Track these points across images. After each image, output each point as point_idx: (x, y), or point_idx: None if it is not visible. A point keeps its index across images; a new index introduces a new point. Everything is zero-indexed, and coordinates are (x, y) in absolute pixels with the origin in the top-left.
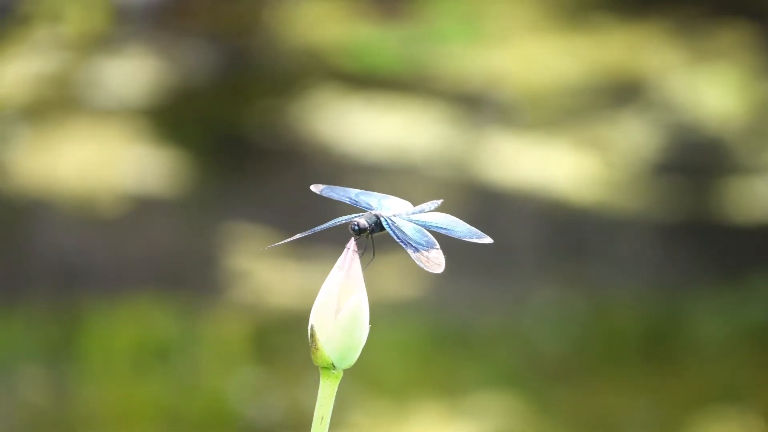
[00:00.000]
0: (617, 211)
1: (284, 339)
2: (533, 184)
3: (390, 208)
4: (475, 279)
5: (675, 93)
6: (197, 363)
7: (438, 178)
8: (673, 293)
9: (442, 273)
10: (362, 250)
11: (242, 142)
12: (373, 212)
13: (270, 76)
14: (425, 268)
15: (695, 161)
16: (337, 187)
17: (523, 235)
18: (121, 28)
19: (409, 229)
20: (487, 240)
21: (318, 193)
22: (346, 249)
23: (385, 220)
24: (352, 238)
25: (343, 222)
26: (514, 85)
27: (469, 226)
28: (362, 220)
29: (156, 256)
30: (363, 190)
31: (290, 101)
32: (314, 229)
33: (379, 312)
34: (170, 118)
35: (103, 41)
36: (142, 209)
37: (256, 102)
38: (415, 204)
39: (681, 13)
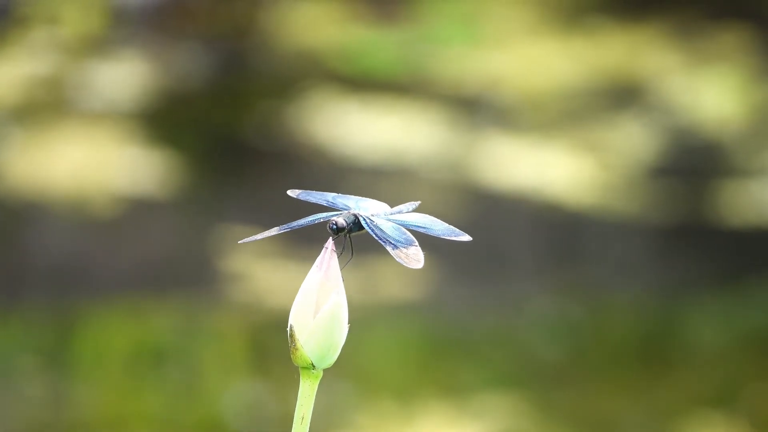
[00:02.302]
0: (615, 214)
1: (281, 340)
2: (531, 186)
3: (368, 209)
4: (472, 282)
5: (673, 96)
6: (194, 365)
7: (435, 180)
8: (670, 296)
9: (441, 276)
10: (340, 249)
11: (238, 145)
12: (352, 211)
13: (266, 78)
14: (405, 265)
15: (693, 164)
16: (314, 191)
17: (521, 237)
18: (118, 31)
19: (388, 228)
20: (466, 237)
21: (295, 197)
22: (324, 249)
23: (364, 219)
24: (330, 238)
25: (322, 219)
26: (512, 87)
27: (447, 224)
28: (340, 219)
29: (151, 259)
30: (340, 194)
31: (287, 104)
32: (291, 225)
33: (378, 315)
34: (166, 120)
35: (100, 43)
36: (137, 212)
37: (253, 104)
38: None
39: (679, 16)
